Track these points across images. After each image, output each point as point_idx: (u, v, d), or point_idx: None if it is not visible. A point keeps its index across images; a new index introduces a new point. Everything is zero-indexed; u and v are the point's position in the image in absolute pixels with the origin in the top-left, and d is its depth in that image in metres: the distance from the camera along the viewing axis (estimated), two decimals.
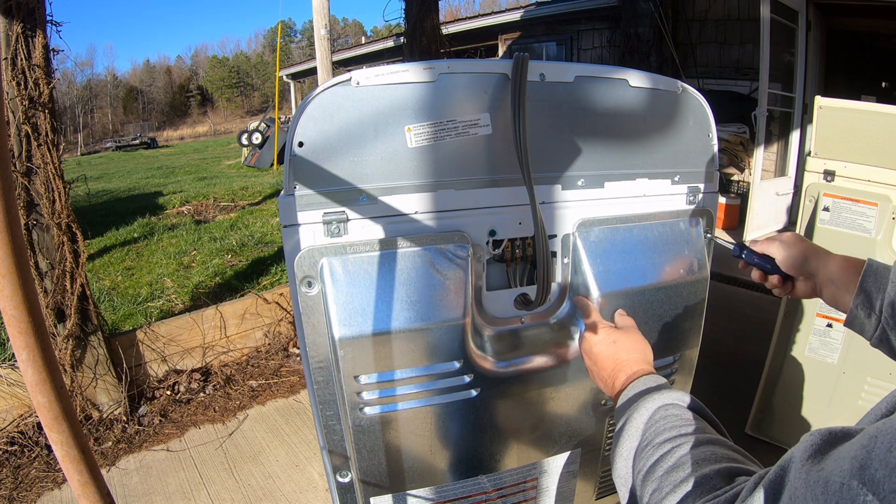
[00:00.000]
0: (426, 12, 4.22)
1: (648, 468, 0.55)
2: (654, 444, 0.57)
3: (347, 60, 11.47)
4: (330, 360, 0.85)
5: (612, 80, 0.94)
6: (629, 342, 0.79)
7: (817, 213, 1.64)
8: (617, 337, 0.80)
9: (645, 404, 0.63)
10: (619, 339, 0.80)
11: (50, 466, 2.03)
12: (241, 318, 2.79)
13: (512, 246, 0.95)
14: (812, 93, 4.74)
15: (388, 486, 0.93)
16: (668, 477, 0.52)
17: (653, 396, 0.64)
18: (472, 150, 0.87)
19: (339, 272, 0.82)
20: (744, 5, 5.42)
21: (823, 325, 1.72)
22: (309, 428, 2.25)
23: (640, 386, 0.69)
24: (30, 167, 1.95)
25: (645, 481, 0.54)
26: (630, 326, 0.84)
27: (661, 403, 0.62)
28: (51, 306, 2.08)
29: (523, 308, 0.96)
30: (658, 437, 0.58)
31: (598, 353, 0.79)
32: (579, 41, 6.90)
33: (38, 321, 0.45)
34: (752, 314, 3.04)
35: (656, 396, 0.64)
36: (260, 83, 54.21)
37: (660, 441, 0.57)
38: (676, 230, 1.03)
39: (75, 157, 22.53)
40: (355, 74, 0.80)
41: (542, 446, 1.04)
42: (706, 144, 1.05)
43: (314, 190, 0.81)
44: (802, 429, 1.84)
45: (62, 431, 0.48)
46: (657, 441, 0.57)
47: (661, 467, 0.54)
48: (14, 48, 1.85)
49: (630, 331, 0.82)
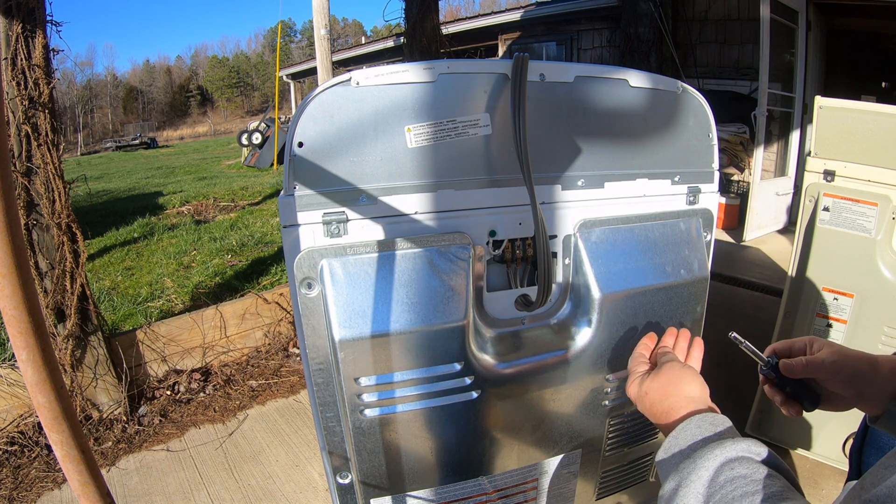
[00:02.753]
0: (426, 12, 4.21)
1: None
2: None
3: (347, 60, 11.47)
4: (330, 361, 0.85)
5: (612, 80, 0.94)
6: (658, 388, 0.70)
7: (817, 213, 1.64)
8: (648, 388, 0.72)
9: (704, 462, 0.51)
10: (649, 389, 0.71)
11: (50, 466, 2.02)
12: (241, 318, 2.79)
13: (512, 246, 0.95)
14: (812, 93, 4.74)
15: (389, 488, 0.93)
16: None
17: (712, 451, 0.51)
18: (472, 150, 0.87)
19: (339, 273, 0.81)
20: (744, 5, 5.41)
21: (823, 325, 1.72)
22: (309, 428, 2.25)
23: (690, 434, 0.57)
24: (30, 167, 1.95)
25: None
26: (665, 364, 0.74)
27: (726, 459, 0.50)
28: (51, 306, 2.08)
29: (524, 309, 0.96)
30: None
31: (643, 411, 0.72)
32: (579, 41, 6.90)
33: (38, 321, 0.45)
34: (753, 314, 3.04)
35: (716, 451, 0.51)
36: (260, 83, 54.21)
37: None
38: (677, 230, 1.03)
39: (75, 157, 22.53)
40: (355, 74, 0.80)
41: (543, 447, 1.04)
42: (706, 144, 1.05)
43: (314, 190, 0.81)
44: (802, 429, 1.84)
45: (62, 431, 0.48)
46: None
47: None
48: (14, 48, 1.85)
49: (662, 373, 0.72)
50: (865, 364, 0.67)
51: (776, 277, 3.67)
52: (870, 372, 0.66)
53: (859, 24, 4.99)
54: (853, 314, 1.65)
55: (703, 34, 5.76)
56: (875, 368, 0.66)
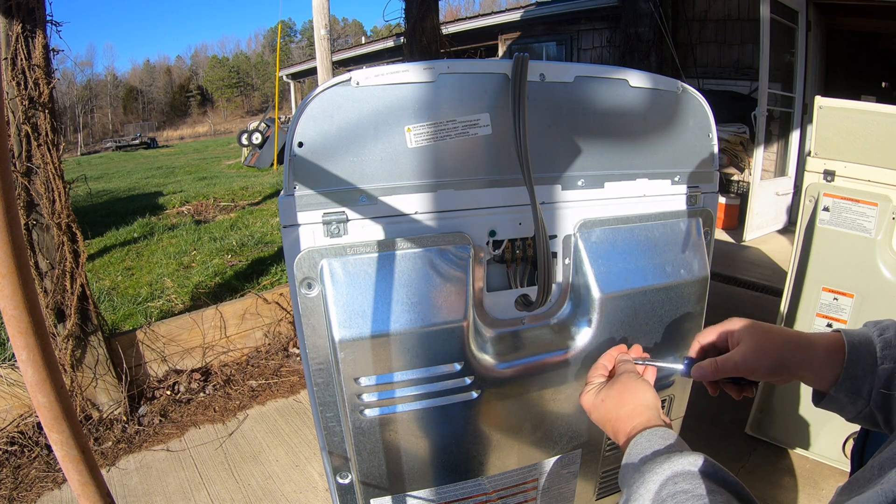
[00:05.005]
0: (426, 12, 4.22)
1: None
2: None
3: (347, 60, 11.47)
4: (330, 361, 0.85)
5: (612, 80, 0.94)
6: (615, 396, 0.70)
7: (817, 213, 1.64)
8: (605, 395, 0.72)
9: (651, 475, 0.53)
10: (606, 397, 0.71)
11: (50, 466, 2.02)
12: (241, 318, 2.79)
13: (512, 246, 0.95)
14: (812, 93, 4.74)
15: (389, 488, 0.93)
16: None
17: (659, 465, 0.53)
18: (472, 150, 0.87)
19: (339, 273, 0.81)
20: (744, 5, 5.42)
21: (823, 325, 1.72)
22: (309, 428, 2.25)
23: (640, 447, 0.59)
24: (30, 167, 1.95)
25: None
26: (624, 374, 0.74)
27: (672, 473, 0.51)
28: (51, 306, 2.08)
29: (524, 309, 0.96)
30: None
31: (597, 419, 0.72)
32: (579, 41, 6.90)
33: (38, 321, 0.45)
34: (753, 314, 3.03)
35: (663, 465, 0.53)
36: (260, 83, 54.22)
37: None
38: (677, 230, 1.03)
39: (75, 157, 22.54)
40: (355, 74, 0.80)
41: (543, 447, 1.04)
42: (706, 144, 1.05)
43: (314, 190, 0.81)
44: (802, 429, 1.84)
45: (62, 431, 0.48)
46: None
47: None
48: (14, 48, 1.85)
49: (619, 382, 0.72)
50: (793, 348, 0.67)
51: (776, 277, 3.67)
52: (800, 354, 0.66)
53: (859, 24, 4.99)
54: (853, 314, 1.65)
55: (703, 34, 5.77)
56: (809, 349, 0.66)
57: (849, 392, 0.63)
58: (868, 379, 0.63)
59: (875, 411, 0.62)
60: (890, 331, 0.65)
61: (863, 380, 0.63)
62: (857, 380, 0.63)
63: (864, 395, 0.63)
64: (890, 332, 0.65)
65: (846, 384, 0.64)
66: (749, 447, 1.92)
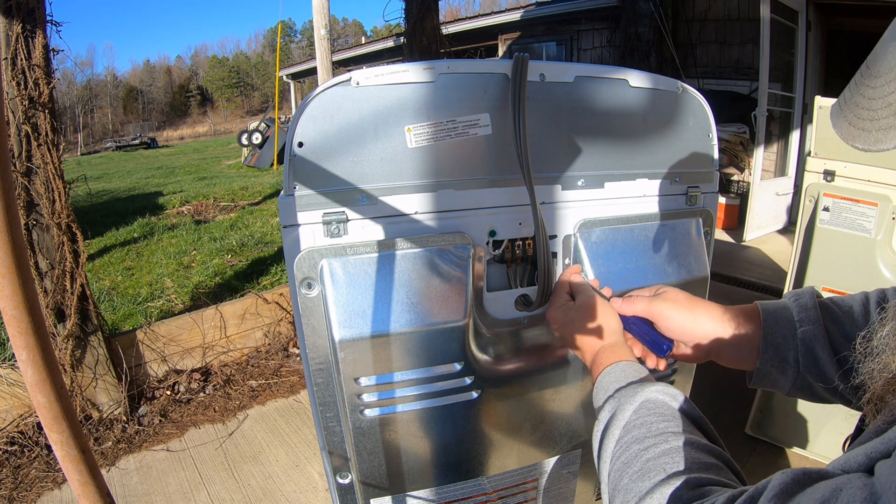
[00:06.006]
0: (426, 12, 4.22)
1: (619, 473, 0.52)
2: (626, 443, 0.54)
3: (347, 60, 11.47)
4: (330, 361, 0.85)
5: (612, 80, 0.94)
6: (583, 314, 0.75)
7: (817, 213, 1.64)
8: (574, 315, 0.77)
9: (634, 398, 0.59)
10: (575, 316, 0.77)
11: (50, 466, 2.02)
12: (241, 318, 2.79)
13: (512, 246, 0.95)
14: (812, 93, 4.74)
15: (389, 488, 0.93)
16: (634, 486, 0.49)
17: (644, 386, 0.60)
18: (472, 150, 0.87)
19: (338, 273, 0.81)
20: (744, 5, 5.42)
21: None
22: (309, 428, 2.25)
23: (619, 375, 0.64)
24: (30, 167, 1.95)
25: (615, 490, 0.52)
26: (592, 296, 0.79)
27: (646, 398, 0.58)
28: (51, 306, 2.08)
29: (524, 309, 0.96)
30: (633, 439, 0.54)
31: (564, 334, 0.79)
32: (579, 41, 6.90)
33: (38, 321, 0.45)
34: None
35: (641, 391, 0.59)
36: (260, 83, 54.23)
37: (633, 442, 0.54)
38: (676, 230, 1.03)
39: (75, 157, 22.54)
40: (355, 74, 0.79)
41: (543, 447, 1.04)
42: (706, 144, 1.05)
43: (314, 190, 0.81)
44: (802, 429, 1.84)
45: (62, 431, 0.48)
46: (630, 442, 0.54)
47: (626, 474, 0.51)
48: (14, 48, 1.85)
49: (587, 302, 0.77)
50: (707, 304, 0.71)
51: (776, 277, 3.68)
52: (712, 311, 0.70)
53: (859, 24, 4.99)
54: None
55: (703, 34, 5.77)
56: (725, 311, 0.70)
57: (775, 361, 0.65)
58: (790, 343, 0.64)
59: (809, 379, 0.64)
60: (805, 296, 0.66)
61: (785, 346, 0.64)
62: (779, 347, 0.65)
63: (790, 362, 0.64)
64: (805, 296, 0.66)
65: (769, 353, 0.65)
66: (749, 447, 1.92)
